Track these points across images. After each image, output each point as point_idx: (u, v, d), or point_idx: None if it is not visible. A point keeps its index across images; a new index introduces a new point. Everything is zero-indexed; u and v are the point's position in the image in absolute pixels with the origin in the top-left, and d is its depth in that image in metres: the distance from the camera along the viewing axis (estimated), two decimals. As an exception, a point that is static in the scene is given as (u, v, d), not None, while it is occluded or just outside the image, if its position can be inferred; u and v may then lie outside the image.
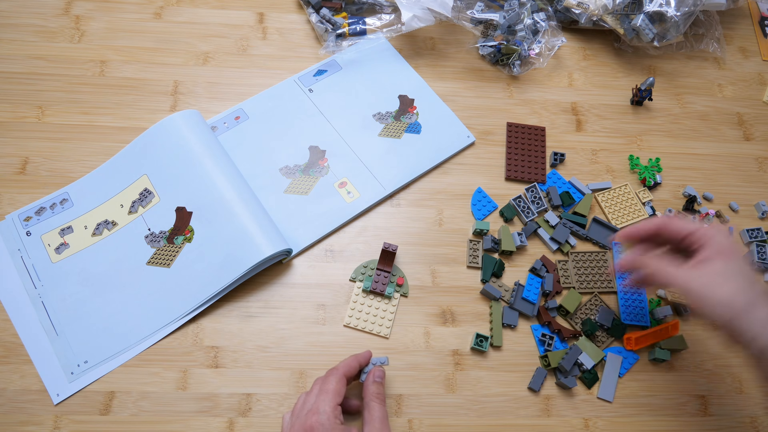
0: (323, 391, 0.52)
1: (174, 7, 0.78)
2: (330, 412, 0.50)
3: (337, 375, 0.53)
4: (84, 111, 0.70)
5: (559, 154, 0.73)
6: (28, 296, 0.61)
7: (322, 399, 0.51)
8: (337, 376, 0.53)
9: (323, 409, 0.50)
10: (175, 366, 0.59)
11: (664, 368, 0.64)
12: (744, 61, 0.85)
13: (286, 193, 0.68)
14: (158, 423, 0.57)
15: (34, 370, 0.57)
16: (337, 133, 0.72)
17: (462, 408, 0.60)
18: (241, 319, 0.62)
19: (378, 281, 0.64)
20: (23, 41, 0.74)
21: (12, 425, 0.55)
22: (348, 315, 0.63)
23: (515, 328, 0.64)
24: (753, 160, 0.78)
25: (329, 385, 0.52)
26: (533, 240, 0.69)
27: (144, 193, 0.66)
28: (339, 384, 0.52)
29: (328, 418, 0.50)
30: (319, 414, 0.50)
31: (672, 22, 0.77)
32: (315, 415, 0.50)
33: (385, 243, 0.63)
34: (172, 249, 0.63)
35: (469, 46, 0.81)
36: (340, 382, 0.53)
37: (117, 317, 0.60)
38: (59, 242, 0.63)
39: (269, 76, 0.75)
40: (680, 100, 0.81)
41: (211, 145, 0.67)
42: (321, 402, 0.51)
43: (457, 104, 0.76)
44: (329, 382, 0.52)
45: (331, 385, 0.52)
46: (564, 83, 0.80)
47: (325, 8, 0.77)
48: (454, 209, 0.70)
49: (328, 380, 0.53)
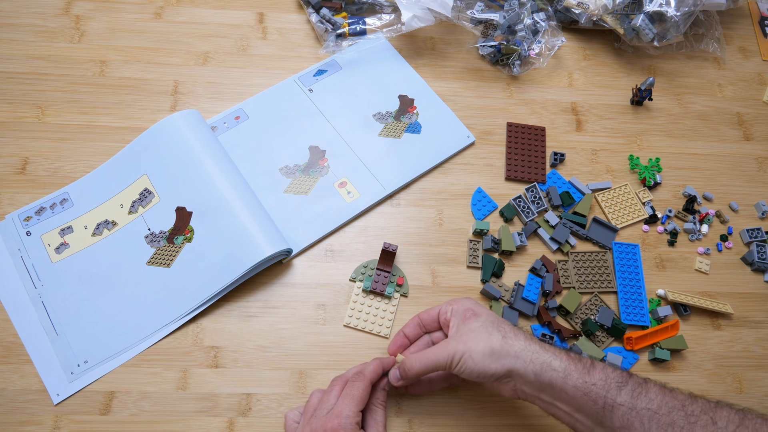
0: (349, 396, 0.52)
1: (174, 7, 0.78)
2: (353, 418, 0.50)
3: (364, 382, 0.53)
4: (84, 111, 0.70)
5: (559, 154, 0.73)
6: (28, 296, 0.61)
7: (347, 404, 0.51)
8: (364, 383, 0.53)
9: (346, 413, 0.50)
10: (175, 366, 0.59)
11: (664, 368, 0.64)
12: (744, 61, 0.85)
13: (286, 193, 0.68)
14: (158, 423, 0.56)
15: (34, 370, 0.57)
16: (337, 133, 0.72)
17: (462, 407, 0.60)
18: (241, 319, 0.62)
19: (378, 281, 0.64)
20: (23, 41, 0.74)
21: (12, 425, 0.55)
22: (348, 315, 0.63)
23: (515, 328, 0.64)
24: (753, 160, 0.78)
25: (356, 391, 0.52)
26: (533, 240, 0.69)
27: (144, 193, 0.66)
28: (365, 392, 0.53)
29: (350, 423, 0.50)
30: (342, 418, 0.50)
31: (672, 22, 0.78)
32: (337, 418, 0.50)
33: (385, 243, 0.63)
34: (172, 249, 0.63)
35: (469, 46, 0.81)
36: (366, 389, 0.53)
37: (117, 317, 0.60)
38: (59, 242, 0.63)
39: (269, 76, 0.75)
40: (680, 100, 0.81)
41: (211, 145, 0.67)
42: (345, 406, 0.51)
43: (457, 104, 0.76)
44: (356, 388, 0.52)
45: (358, 392, 0.52)
46: (564, 83, 0.80)
47: (325, 8, 0.77)
48: (454, 209, 0.70)
49: (354, 386, 0.53)
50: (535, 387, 0.49)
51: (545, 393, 0.49)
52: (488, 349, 0.50)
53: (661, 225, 0.72)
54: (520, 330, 0.52)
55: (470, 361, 0.50)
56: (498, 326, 0.52)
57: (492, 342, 0.50)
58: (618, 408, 0.47)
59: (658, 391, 0.47)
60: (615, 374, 0.48)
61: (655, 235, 0.71)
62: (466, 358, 0.50)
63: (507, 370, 0.49)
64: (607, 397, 0.47)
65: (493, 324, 0.52)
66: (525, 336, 0.51)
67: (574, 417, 0.49)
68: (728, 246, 0.71)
